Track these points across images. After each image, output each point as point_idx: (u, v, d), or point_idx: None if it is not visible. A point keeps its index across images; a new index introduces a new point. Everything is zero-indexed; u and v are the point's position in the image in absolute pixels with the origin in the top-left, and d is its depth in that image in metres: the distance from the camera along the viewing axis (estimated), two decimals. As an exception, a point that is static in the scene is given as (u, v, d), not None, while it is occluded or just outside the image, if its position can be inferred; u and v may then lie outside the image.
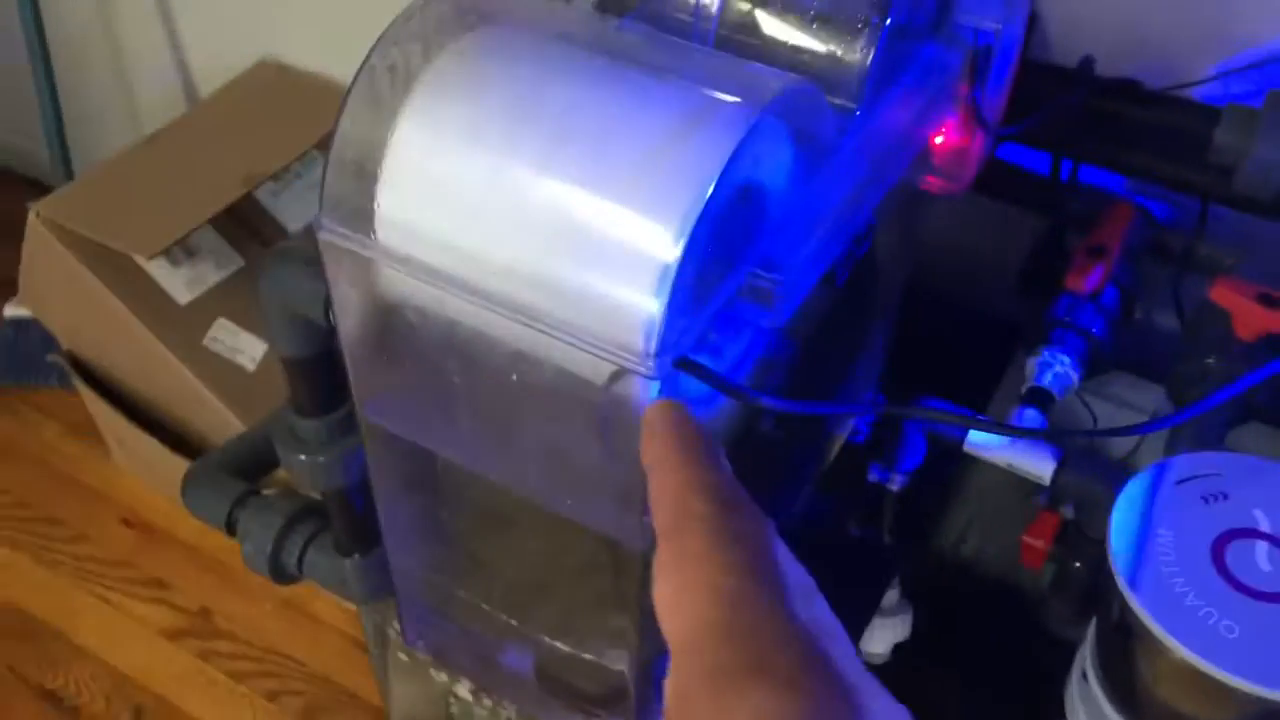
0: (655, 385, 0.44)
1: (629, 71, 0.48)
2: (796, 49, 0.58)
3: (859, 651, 0.87)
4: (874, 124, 0.56)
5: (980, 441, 0.74)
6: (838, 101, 0.56)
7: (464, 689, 0.79)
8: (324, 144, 0.71)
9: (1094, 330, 0.77)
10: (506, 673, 0.67)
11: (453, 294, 0.47)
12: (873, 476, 0.77)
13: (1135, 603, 0.56)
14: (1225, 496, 0.61)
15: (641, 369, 0.44)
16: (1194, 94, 0.75)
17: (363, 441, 0.59)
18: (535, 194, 0.46)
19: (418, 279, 0.48)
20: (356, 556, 0.74)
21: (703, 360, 0.50)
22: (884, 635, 0.83)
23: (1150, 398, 0.89)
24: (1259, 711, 0.57)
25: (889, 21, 0.55)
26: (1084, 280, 0.76)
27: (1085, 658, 0.67)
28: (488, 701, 0.78)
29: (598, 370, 0.46)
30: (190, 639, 1.25)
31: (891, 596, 0.82)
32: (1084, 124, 0.73)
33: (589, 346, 0.45)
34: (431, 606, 0.67)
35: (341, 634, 1.24)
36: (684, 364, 0.45)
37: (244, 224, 1.24)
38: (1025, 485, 0.77)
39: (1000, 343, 0.91)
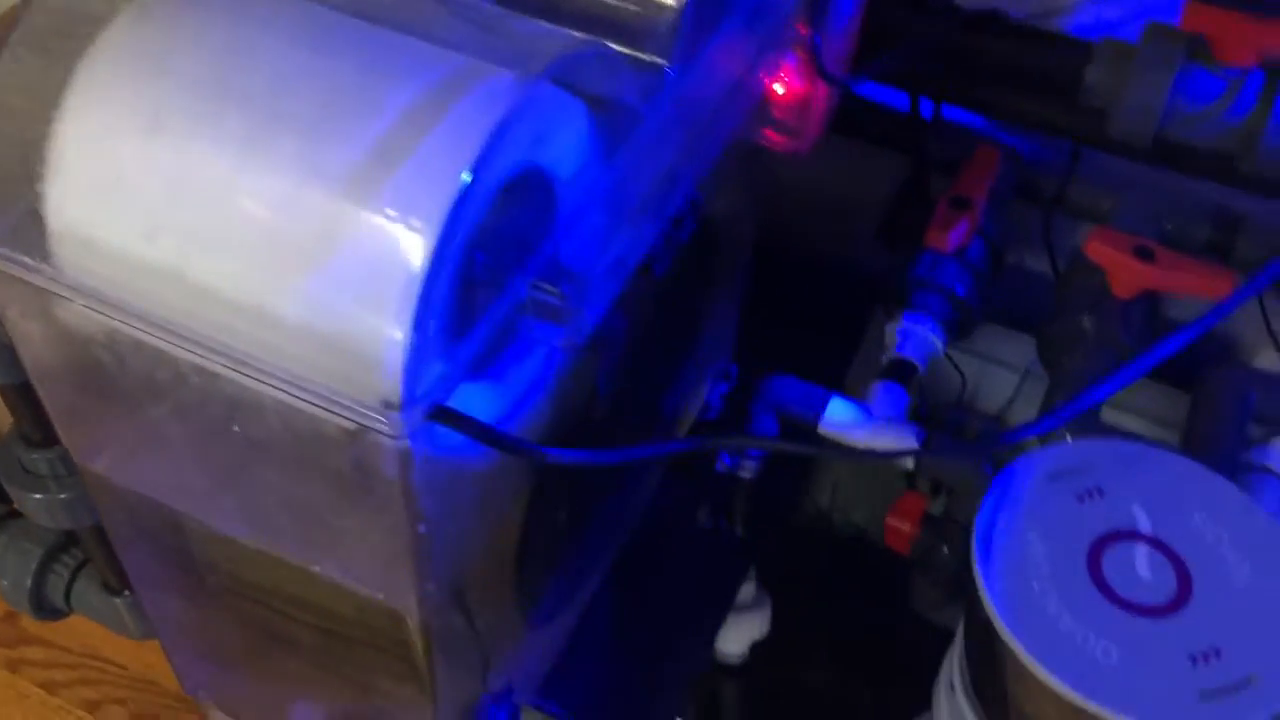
0: (403, 444, 0.35)
1: (364, 32, 0.38)
2: (594, -11, 0.47)
3: (715, 652, 0.81)
4: (691, 83, 0.46)
5: (836, 421, 0.66)
6: (646, 57, 0.46)
7: None
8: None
9: (958, 290, 0.69)
10: (301, 726, 0.58)
11: (144, 331, 0.37)
12: (721, 465, 0.69)
13: (1005, 630, 0.50)
14: (1101, 493, 0.55)
15: (381, 426, 0.34)
16: (1064, 23, 0.67)
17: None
18: (238, 196, 0.35)
19: (99, 313, 0.37)
20: (128, 594, 0.63)
21: (481, 388, 0.40)
22: (740, 634, 0.76)
23: (1022, 351, 0.83)
24: (1141, 739, 0.51)
25: (706, -46, 0.45)
26: (947, 237, 0.68)
27: (953, 670, 0.60)
28: None
29: (337, 420, 0.36)
30: (-5, 648, 1.13)
31: (747, 590, 0.75)
32: (944, 62, 0.65)
33: (314, 398, 0.35)
34: (204, 656, 0.58)
35: (170, 630, 1.13)
36: (440, 415, 0.35)
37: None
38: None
39: (863, 296, 0.84)
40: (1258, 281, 0.49)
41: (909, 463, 0.65)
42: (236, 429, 0.38)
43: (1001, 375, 0.86)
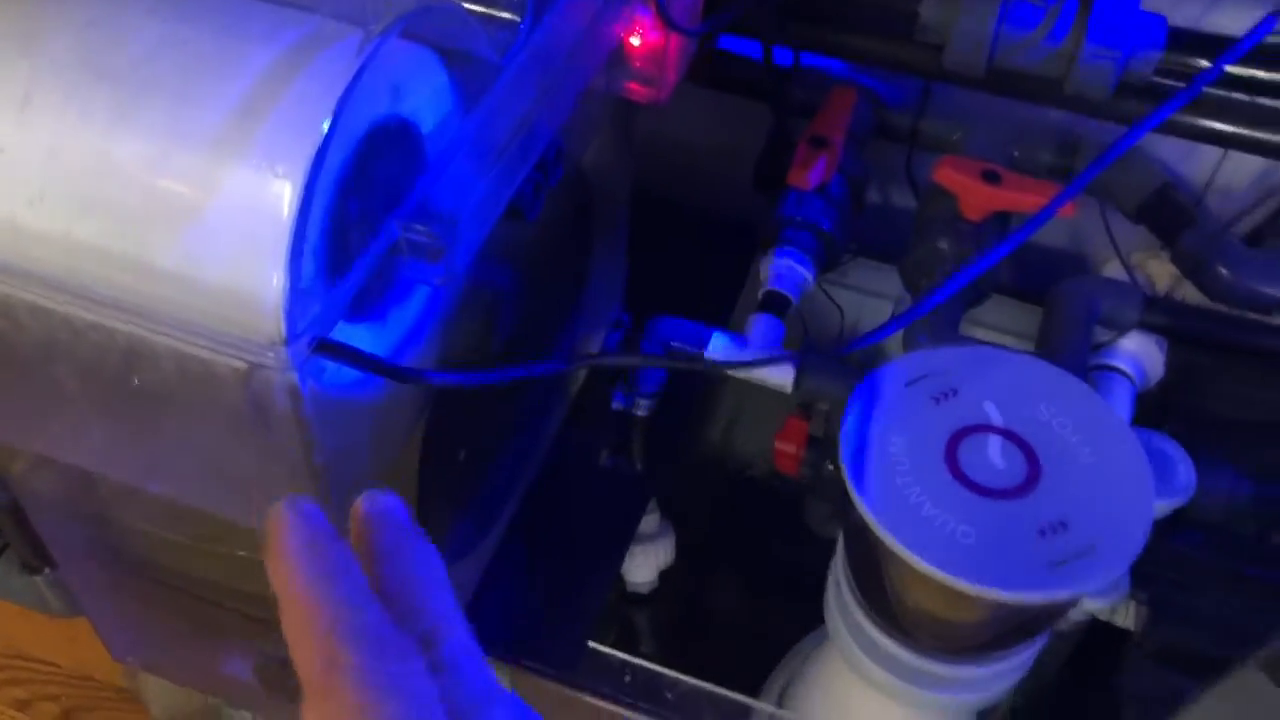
0: (291, 378, 0.38)
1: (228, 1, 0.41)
2: (448, -47, 0.50)
3: (625, 583, 0.85)
4: (543, 36, 0.49)
5: (717, 355, 0.70)
6: (501, 14, 0.49)
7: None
8: None
9: (824, 225, 0.74)
10: (228, 678, 0.61)
11: (36, 294, 0.39)
12: (616, 404, 0.73)
13: (871, 518, 0.54)
14: (955, 393, 0.59)
15: (269, 361, 0.37)
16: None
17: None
18: (115, 161, 0.38)
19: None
20: (48, 571, 0.65)
21: (364, 329, 0.43)
22: (646, 562, 0.80)
23: (893, 282, 0.88)
24: (1004, 610, 0.56)
25: (549, -86, 0.49)
26: (807, 175, 0.72)
27: (837, 566, 0.65)
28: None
29: (229, 361, 0.39)
30: (-82, 654, 1.12)
31: (651, 522, 0.79)
32: (789, 8, 0.69)
33: (207, 342, 0.38)
34: (130, 619, 0.60)
35: (97, 624, 1.13)
36: (324, 347, 0.39)
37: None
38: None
39: (748, 243, 0.88)
40: (1068, 192, 0.55)
41: (788, 387, 0.70)
42: (137, 381, 0.41)
43: (877, 305, 0.92)
